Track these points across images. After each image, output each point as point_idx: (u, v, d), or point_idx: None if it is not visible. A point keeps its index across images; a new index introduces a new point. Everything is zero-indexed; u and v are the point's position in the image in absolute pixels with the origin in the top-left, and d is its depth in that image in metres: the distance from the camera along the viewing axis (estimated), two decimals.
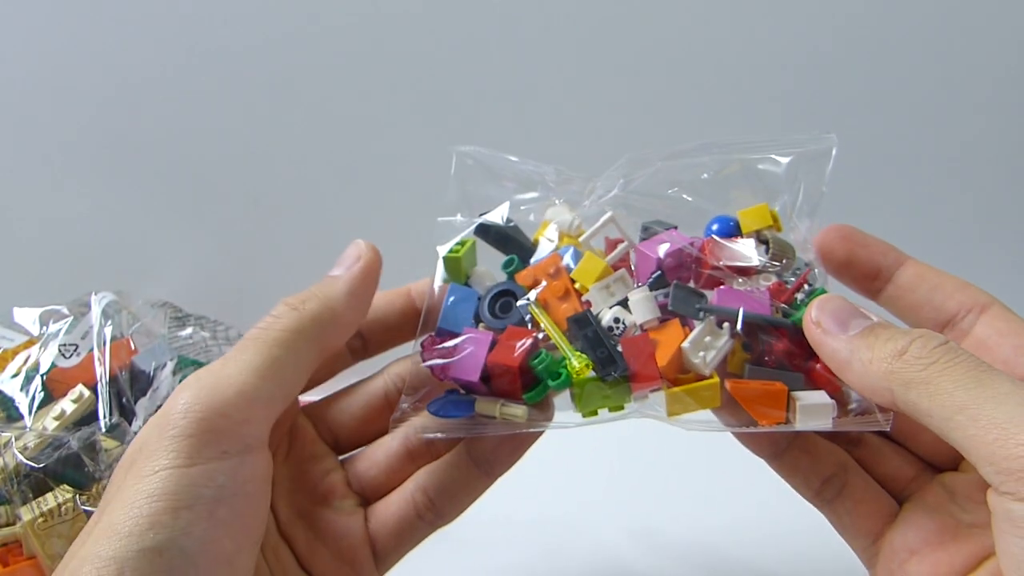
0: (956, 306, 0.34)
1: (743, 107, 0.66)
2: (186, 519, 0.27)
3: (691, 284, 0.35)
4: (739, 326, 0.32)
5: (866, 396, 0.30)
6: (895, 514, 0.34)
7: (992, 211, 0.68)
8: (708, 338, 0.32)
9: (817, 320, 0.31)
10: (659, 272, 0.34)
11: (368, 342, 0.39)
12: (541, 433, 0.35)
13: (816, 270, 0.35)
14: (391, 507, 0.36)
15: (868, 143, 0.66)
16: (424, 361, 0.35)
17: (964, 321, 0.34)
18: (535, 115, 0.66)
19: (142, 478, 0.27)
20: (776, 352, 0.32)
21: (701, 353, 0.32)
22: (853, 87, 0.65)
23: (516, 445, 0.35)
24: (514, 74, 0.65)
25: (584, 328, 0.33)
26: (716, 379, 0.32)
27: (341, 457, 0.38)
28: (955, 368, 0.27)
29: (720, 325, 0.33)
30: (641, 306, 0.33)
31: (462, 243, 0.38)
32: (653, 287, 0.34)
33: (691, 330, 0.33)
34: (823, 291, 0.34)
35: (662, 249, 0.34)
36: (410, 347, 0.37)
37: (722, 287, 0.34)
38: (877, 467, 0.35)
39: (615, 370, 0.32)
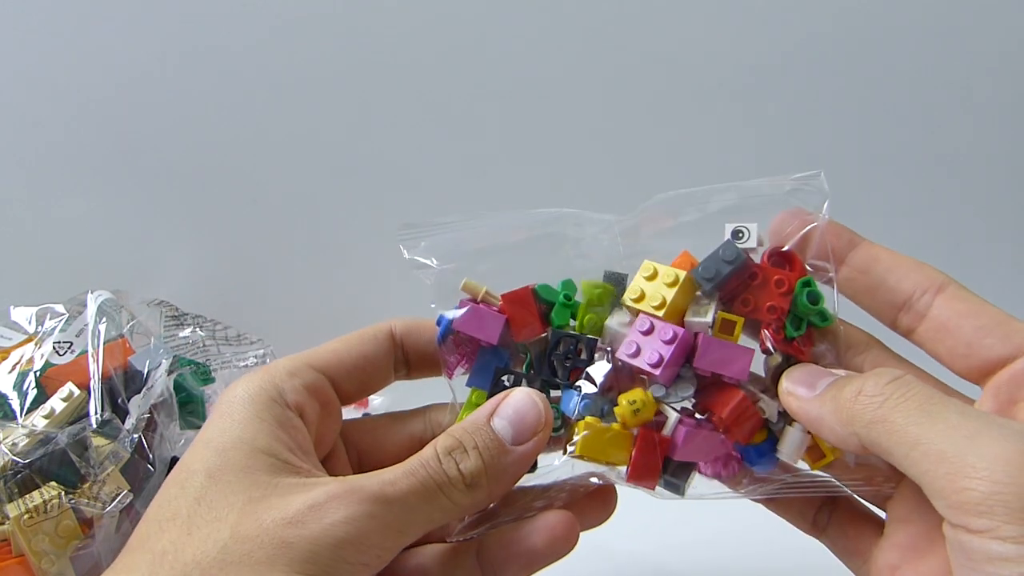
0: (911, 286, 0.33)
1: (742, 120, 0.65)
2: None
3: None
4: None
5: (842, 448, 0.31)
6: (881, 530, 0.33)
7: (990, 213, 0.67)
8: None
9: (788, 391, 0.31)
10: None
11: (413, 367, 0.38)
12: (558, 553, 0.33)
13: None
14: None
15: (866, 144, 0.66)
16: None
17: (920, 302, 0.32)
18: (535, 115, 0.66)
19: None
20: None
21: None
22: (851, 90, 0.64)
23: (528, 565, 0.33)
24: (514, 74, 0.65)
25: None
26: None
27: None
28: (907, 403, 0.27)
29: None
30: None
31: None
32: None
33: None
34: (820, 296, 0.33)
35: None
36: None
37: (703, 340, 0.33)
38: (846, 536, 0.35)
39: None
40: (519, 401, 0.31)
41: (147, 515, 0.30)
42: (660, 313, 0.33)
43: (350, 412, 0.39)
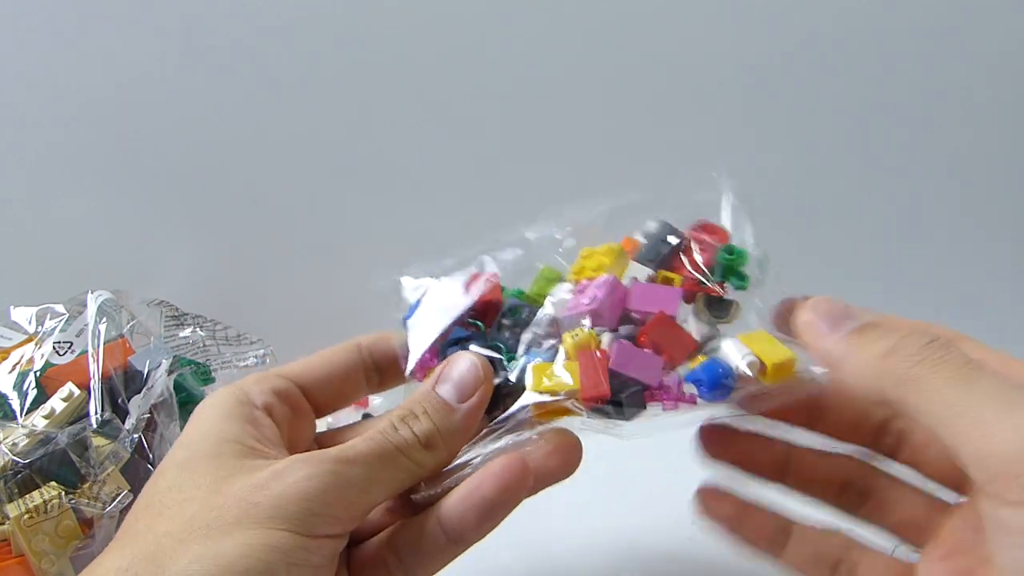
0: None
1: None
2: None
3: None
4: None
5: (859, 393, 0.31)
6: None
7: (990, 214, 0.67)
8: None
9: (810, 321, 0.31)
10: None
11: (385, 375, 0.39)
12: (513, 506, 0.33)
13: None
14: (365, 555, 0.35)
15: (866, 144, 0.66)
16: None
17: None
18: (535, 115, 0.66)
19: None
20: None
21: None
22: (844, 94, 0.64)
23: (485, 515, 0.33)
24: (514, 74, 0.65)
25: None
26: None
27: None
28: (944, 366, 0.27)
29: None
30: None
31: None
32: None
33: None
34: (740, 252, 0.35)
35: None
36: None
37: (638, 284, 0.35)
38: (888, 518, 0.35)
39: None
40: (457, 363, 0.33)
41: (128, 513, 0.31)
42: (603, 272, 0.35)
43: (350, 414, 0.39)
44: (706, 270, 0.35)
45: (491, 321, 0.37)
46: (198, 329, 0.57)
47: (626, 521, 0.53)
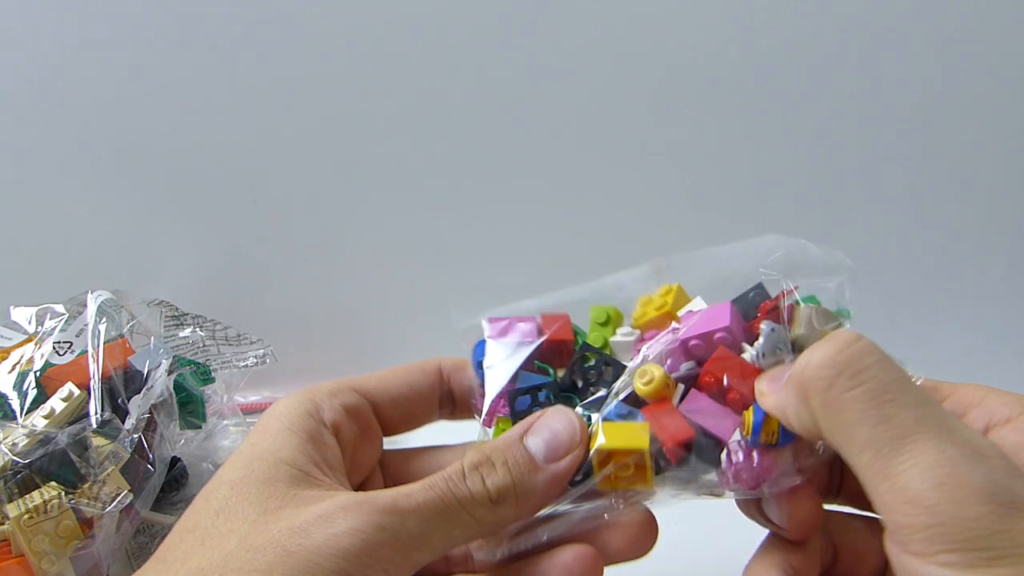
0: None
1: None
2: None
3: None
4: None
5: (808, 437, 0.28)
6: None
7: (990, 215, 0.67)
8: None
9: (759, 392, 0.30)
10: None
11: (460, 406, 0.37)
12: None
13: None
14: None
15: (866, 144, 0.66)
16: None
17: None
18: (536, 115, 0.66)
19: None
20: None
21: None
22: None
23: None
24: (515, 74, 0.65)
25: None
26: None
27: None
28: (859, 391, 0.25)
29: None
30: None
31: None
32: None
33: None
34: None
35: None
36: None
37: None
38: (860, 570, 0.33)
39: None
40: (554, 419, 0.30)
41: (174, 527, 0.29)
42: (666, 309, 0.34)
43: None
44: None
45: (563, 364, 0.35)
46: (198, 329, 0.57)
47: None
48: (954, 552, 0.23)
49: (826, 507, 0.32)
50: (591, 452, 0.30)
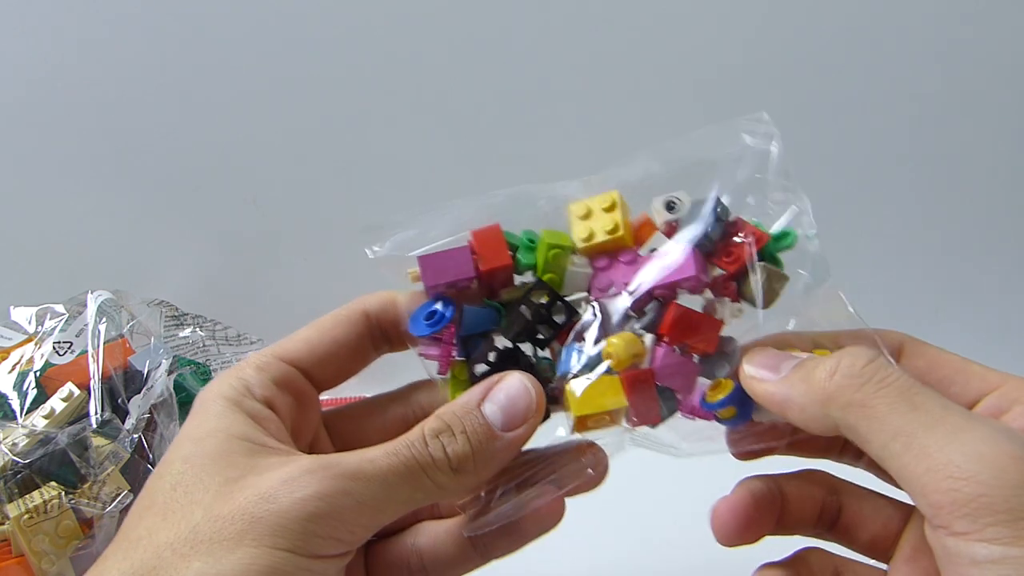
0: None
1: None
2: None
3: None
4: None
5: (813, 431, 0.29)
6: None
7: (989, 215, 0.67)
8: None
9: (752, 375, 0.30)
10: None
11: (396, 342, 0.36)
12: (546, 530, 0.33)
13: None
14: (389, 553, 0.35)
15: (866, 144, 0.66)
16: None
17: None
18: (534, 115, 0.66)
19: None
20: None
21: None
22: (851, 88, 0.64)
23: (515, 537, 0.33)
24: (512, 73, 0.65)
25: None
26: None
27: None
28: (888, 389, 0.26)
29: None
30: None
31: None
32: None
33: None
34: (790, 234, 0.32)
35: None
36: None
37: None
38: (858, 539, 0.33)
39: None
40: (512, 386, 0.30)
41: (131, 509, 0.30)
42: (619, 234, 0.32)
43: None
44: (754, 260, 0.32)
45: (503, 284, 0.34)
46: (198, 329, 0.57)
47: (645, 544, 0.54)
48: (1001, 524, 0.23)
49: (838, 476, 0.34)
50: (572, 420, 0.31)
